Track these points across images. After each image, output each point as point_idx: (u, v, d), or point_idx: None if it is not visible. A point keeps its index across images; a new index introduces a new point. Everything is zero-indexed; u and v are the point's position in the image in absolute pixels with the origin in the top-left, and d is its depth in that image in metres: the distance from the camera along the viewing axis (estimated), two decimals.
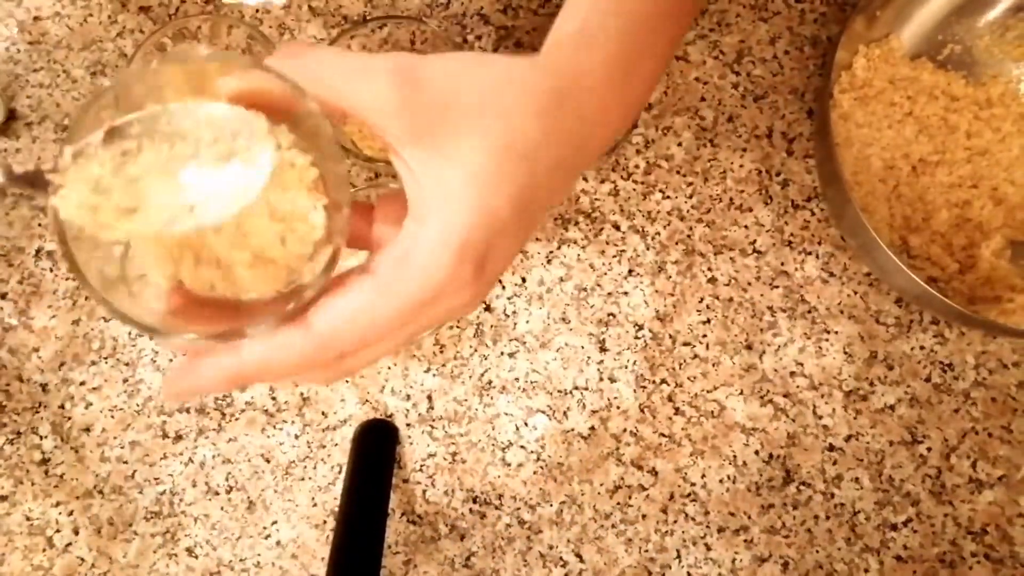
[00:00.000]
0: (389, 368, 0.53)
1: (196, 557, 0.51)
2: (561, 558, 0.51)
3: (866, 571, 0.51)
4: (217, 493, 0.52)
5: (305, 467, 0.52)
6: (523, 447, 0.52)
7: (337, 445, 0.52)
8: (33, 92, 0.57)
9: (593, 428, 0.53)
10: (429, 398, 0.53)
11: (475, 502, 0.52)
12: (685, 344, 0.54)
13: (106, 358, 0.53)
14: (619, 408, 0.53)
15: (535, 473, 0.52)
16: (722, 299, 0.54)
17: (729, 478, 0.52)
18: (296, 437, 0.53)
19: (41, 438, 0.53)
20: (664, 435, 0.53)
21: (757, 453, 0.53)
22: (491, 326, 0.54)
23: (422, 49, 0.55)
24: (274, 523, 0.52)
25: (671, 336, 0.54)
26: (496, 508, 0.52)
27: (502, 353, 0.53)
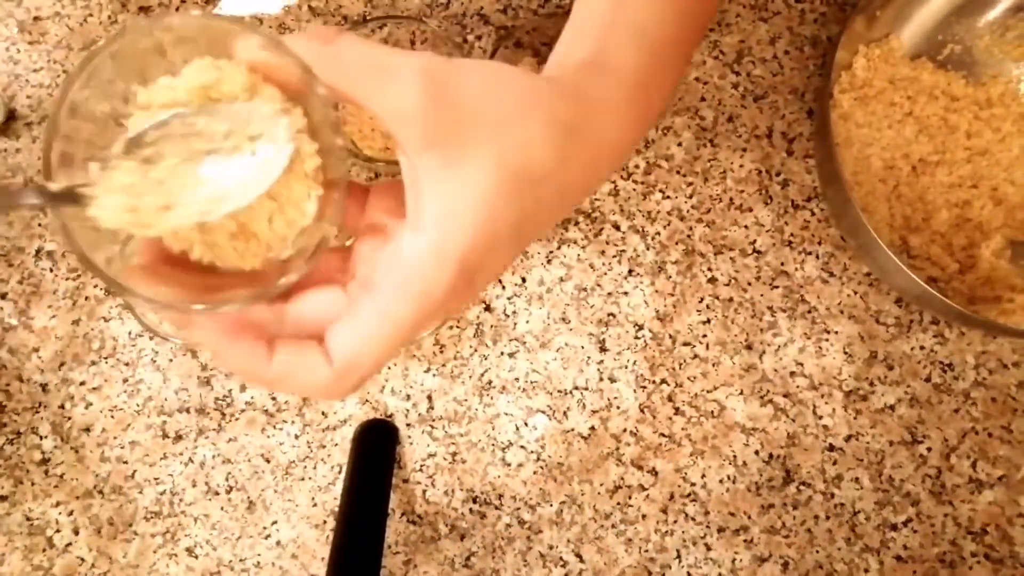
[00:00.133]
0: (389, 368, 0.53)
1: (196, 557, 0.51)
2: (561, 558, 0.51)
3: (866, 571, 0.51)
4: (217, 493, 0.52)
5: (305, 467, 0.52)
6: (523, 447, 0.52)
7: (337, 445, 0.52)
8: (33, 92, 0.57)
9: (593, 428, 0.53)
10: (429, 398, 0.53)
11: (475, 502, 0.52)
12: (685, 344, 0.54)
13: (106, 358, 0.53)
14: (619, 408, 0.53)
15: (535, 473, 0.52)
16: (722, 299, 0.54)
17: (729, 478, 0.52)
18: (296, 437, 0.53)
19: (41, 438, 0.53)
20: (664, 435, 0.53)
21: (757, 453, 0.53)
22: (491, 326, 0.54)
23: (422, 49, 0.55)
24: (274, 523, 0.52)
25: (671, 336, 0.54)
26: (496, 508, 0.52)
27: (502, 353, 0.53)
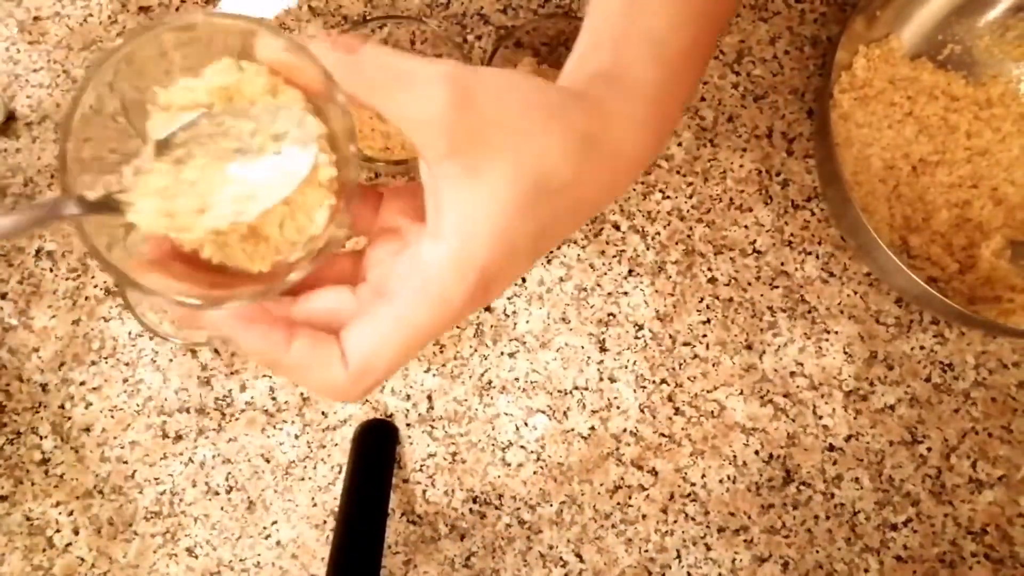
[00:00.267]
0: None
1: (196, 557, 0.51)
2: (561, 558, 0.51)
3: (866, 571, 0.51)
4: (217, 493, 0.52)
5: (305, 467, 0.52)
6: (523, 447, 0.52)
7: (337, 445, 0.52)
8: (33, 92, 0.57)
9: (593, 428, 0.53)
10: (429, 398, 0.53)
11: (475, 502, 0.52)
12: (685, 344, 0.54)
13: (106, 358, 0.53)
14: (619, 408, 0.53)
15: (535, 473, 0.52)
16: (722, 299, 0.54)
17: (729, 478, 0.52)
18: (296, 437, 0.53)
19: (41, 438, 0.53)
20: (664, 435, 0.53)
21: (757, 453, 0.53)
22: (491, 326, 0.54)
23: (422, 49, 0.55)
24: (274, 523, 0.52)
25: (671, 336, 0.54)
26: (496, 508, 0.52)
27: (502, 353, 0.53)
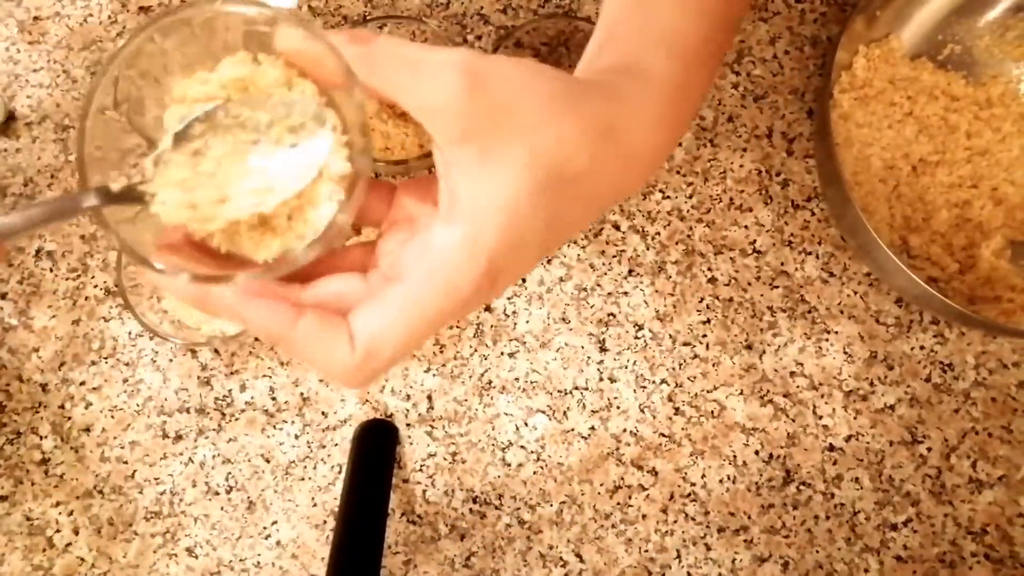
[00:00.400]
0: None
1: (196, 557, 0.51)
2: (561, 558, 0.51)
3: (866, 571, 0.51)
4: (217, 493, 0.52)
5: (305, 467, 0.52)
6: (523, 447, 0.52)
7: (337, 445, 0.52)
8: (33, 92, 0.57)
9: (593, 428, 0.53)
10: (429, 398, 0.53)
11: (475, 502, 0.52)
12: (685, 344, 0.54)
13: (106, 358, 0.53)
14: (619, 408, 0.53)
15: (535, 473, 0.52)
16: (722, 299, 0.54)
17: (729, 478, 0.52)
18: (296, 437, 0.53)
19: (41, 438, 0.53)
20: (664, 435, 0.53)
21: (757, 453, 0.53)
22: (491, 326, 0.54)
23: None
24: (274, 523, 0.52)
25: (671, 336, 0.54)
26: (496, 508, 0.52)
27: (502, 353, 0.53)
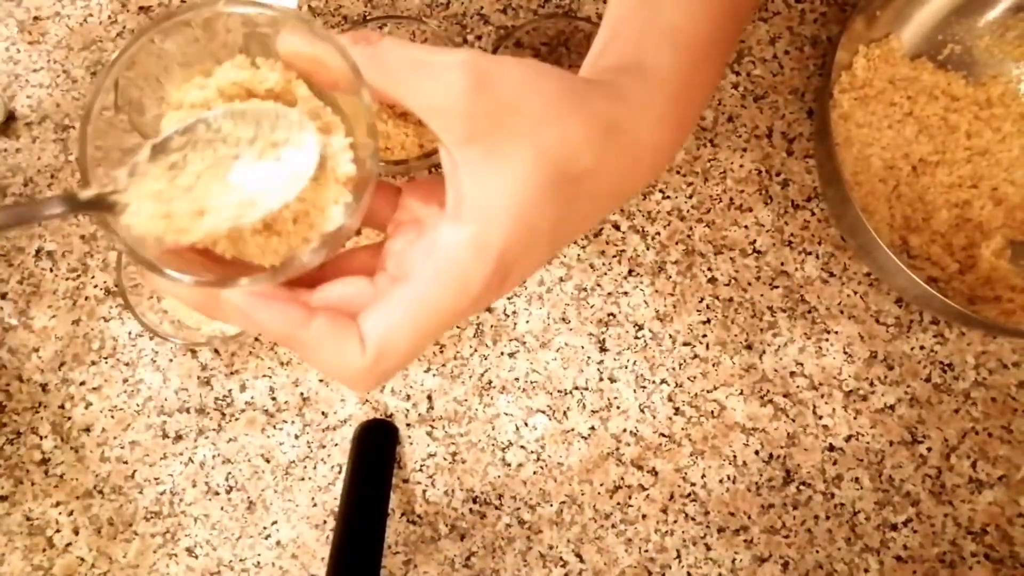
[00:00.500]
0: None
1: (196, 557, 0.51)
2: (561, 558, 0.51)
3: (866, 571, 0.51)
4: (217, 493, 0.52)
5: (305, 467, 0.52)
6: (523, 447, 0.52)
7: (337, 445, 0.52)
8: (33, 92, 0.57)
9: (593, 428, 0.53)
10: (429, 398, 0.53)
11: (475, 502, 0.52)
12: (685, 344, 0.54)
13: (106, 358, 0.53)
14: (619, 408, 0.53)
15: (535, 473, 0.52)
16: (722, 299, 0.54)
17: (729, 478, 0.52)
18: (296, 437, 0.53)
19: (41, 438, 0.53)
20: (664, 435, 0.53)
21: (757, 453, 0.53)
22: (491, 326, 0.54)
23: None
24: (274, 523, 0.52)
25: (671, 336, 0.54)
26: (496, 508, 0.52)
27: (502, 353, 0.53)
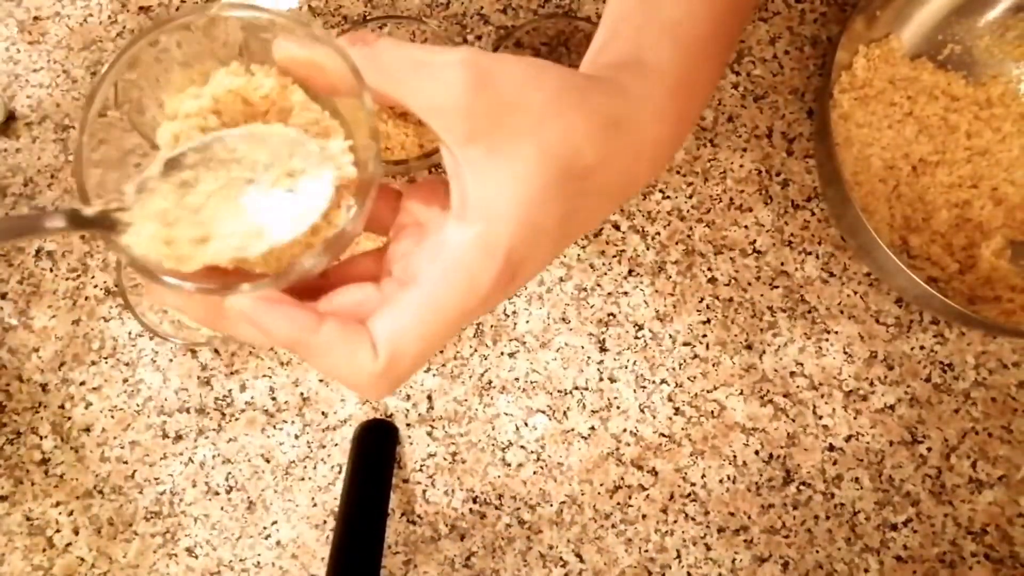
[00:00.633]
0: None
1: (196, 557, 0.51)
2: (561, 558, 0.51)
3: (866, 571, 0.51)
4: (217, 493, 0.52)
5: (305, 467, 0.52)
6: (523, 447, 0.52)
7: (337, 445, 0.52)
8: (33, 92, 0.57)
9: (593, 428, 0.53)
10: (429, 398, 0.53)
11: (475, 502, 0.52)
12: (685, 344, 0.54)
13: (106, 358, 0.53)
14: (619, 408, 0.53)
15: (535, 473, 0.52)
16: (722, 299, 0.54)
17: (729, 478, 0.52)
18: (296, 437, 0.53)
19: (41, 438, 0.53)
20: (664, 435, 0.53)
21: (757, 453, 0.53)
22: (491, 326, 0.54)
23: None
24: (274, 523, 0.52)
25: (671, 336, 0.54)
26: (496, 508, 0.52)
27: (502, 353, 0.53)
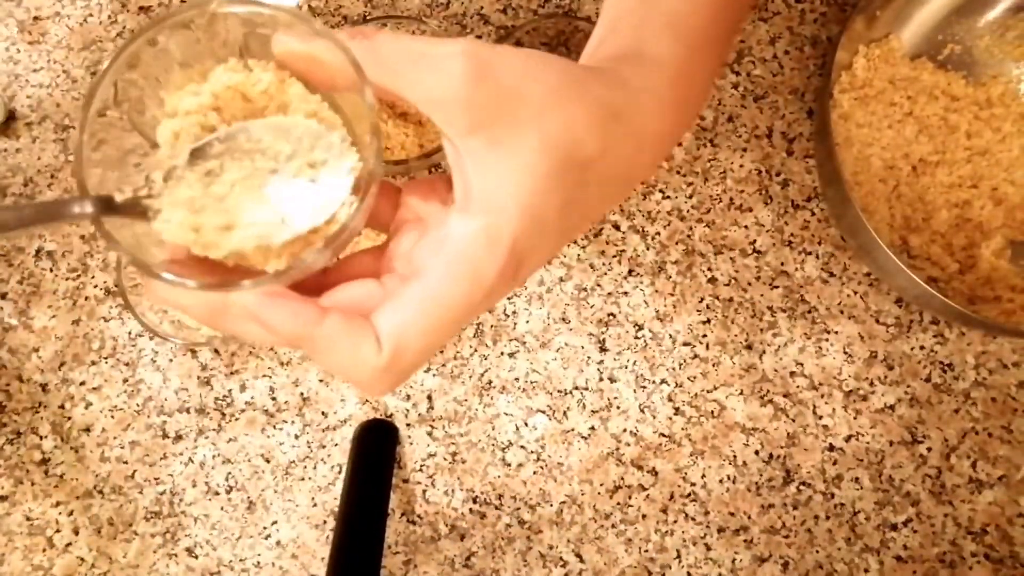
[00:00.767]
0: None
1: (196, 557, 0.51)
2: (561, 558, 0.51)
3: (866, 571, 0.51)
4: (217, 493, 0.52)
5: (305, 467, 0.52)
6: (523, 447, 0.52)
7: (337, 445, 0.52)
8: (33, 92, 0.57)
9: (593, 428, 0.53)
10: (429, 398, 0.53)
11: (475, 502, 0.52)
12: (685, 344, 0.54)
13: (106, 358, 0.53)
14: (619, 408, 0.53)
15: (535, 473, 0.52)
16: (722, 299, 0.54)
17: (729, 478, 0.52)
18: (296, 437, 0.53)
19: (41, 438, 0.53)
20: (664, 435, 0.53)
21: (757, 453, 0.53)
22: (491, 326, 0.54)
23: None
24: (274, 523, 0.52)
25: (671, 336, 0.54)
26: (496, 508, 0.52)
27: (502, 353, 0.53)
